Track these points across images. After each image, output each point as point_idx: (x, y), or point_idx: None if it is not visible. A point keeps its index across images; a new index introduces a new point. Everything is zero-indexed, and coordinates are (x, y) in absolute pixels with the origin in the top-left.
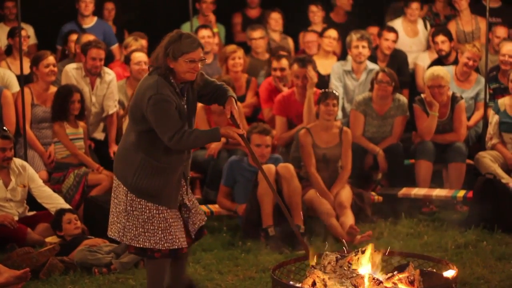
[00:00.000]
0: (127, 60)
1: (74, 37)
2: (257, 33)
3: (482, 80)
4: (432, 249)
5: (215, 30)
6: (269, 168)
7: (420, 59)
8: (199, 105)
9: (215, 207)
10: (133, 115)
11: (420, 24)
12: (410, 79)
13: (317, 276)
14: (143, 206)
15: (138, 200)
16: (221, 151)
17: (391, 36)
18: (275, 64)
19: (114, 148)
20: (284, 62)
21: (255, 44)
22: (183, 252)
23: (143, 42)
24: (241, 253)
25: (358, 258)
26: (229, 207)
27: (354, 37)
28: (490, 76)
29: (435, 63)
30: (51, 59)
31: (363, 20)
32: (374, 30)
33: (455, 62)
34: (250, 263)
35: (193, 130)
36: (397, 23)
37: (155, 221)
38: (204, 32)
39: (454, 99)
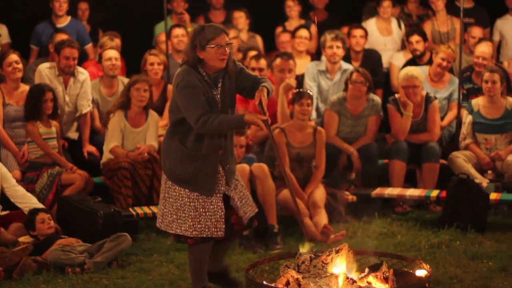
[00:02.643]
0: (100, 58)
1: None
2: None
3: (456, 80)
4: (405, 249)
5: (189, 29)
6: (243, 168)
7: (394, 59)
8: None
9: None
10: (171, 106)
11: (394, 23)
12: (384, 79)
13: (291, 276)
14: (177, 194)
15: (173, 187)
16: None
17: (358, 32)
18: (253, 64)
19: (88, 148)
20: (263, 62)
21: None
22: (218, 239)
23: (118, 42)
24: None
25: (332, 258)
26: None
27: (328, 37)
28: (464, 77)
29: (409, 63)
30: (13, 57)
31: (342, 19)
32: (347, 29)
33: (429, 62)
34: None
35: (219, 115)
36: (371, 23)
37: (186, 209)
38: (178, 31)
39: (428, 99)
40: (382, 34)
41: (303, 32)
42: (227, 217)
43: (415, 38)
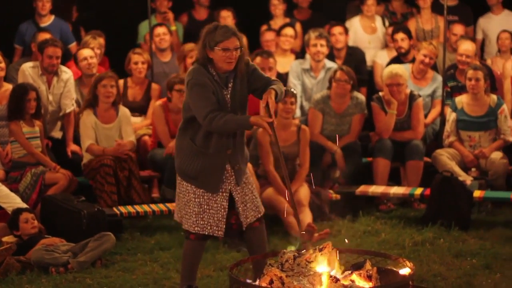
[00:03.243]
0: (76, 59)
1: None
2: None
3: (439, 77)
4: (389, 247)
5: (173, 28)
6: None
7: (378, 57)
8: (157, 103)
9: (173, 206)
10: (184, 104)
11: (378, 21)
12: (368, 77)
13: (275, 274)
14: (185, 189)
15: (182, 182)
16: None
17: (336, 30)
18: None
19: (71, 147)
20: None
21: None
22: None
23: (101, 40)
24: None
25: (315, 256)
26: None
27: (312, 35)
28: (447, 74)
29: (393, 61)
30: None
31: (327, 17)
32: (327, 28)
33: (414, 60)
34: (207, 262)
35: (226, 114)
36: (355, 21)
37: (191, 205)
38: (160, 30)
39: (412, 97)
40: (366, 32)
41: (289, 31)
42: (228, 216)
43: (400, 35)
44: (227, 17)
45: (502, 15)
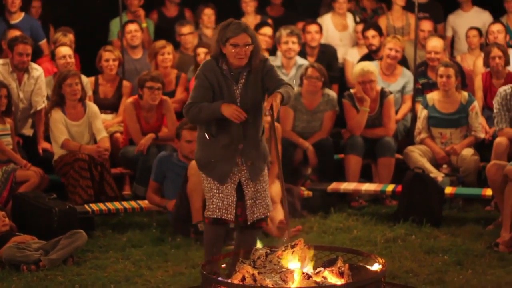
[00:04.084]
0: (53, 56)
1: None
2: (186, 29)
3: (408, 72)
4: (361, 243)
5: (144, 25)
6: None
7: (349, 54)
8: (128, 100)
9: (144, 203)
10: None
11: (349, 19)
12: (339, 74)
13: (247, 271)
14: (202, 177)
15: (200, 171)
16: (150, 146)
17: (313, 28)
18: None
19: (42, 144)
20: None
21: (184, 39)
22: (227, 222)
23: (71, 37)
24: (170, 248)
25: (287, 253)
26: (158, 202)
27: (283, 32)
28: (418, 71)
29: (364, 58)
30: None
31: (299, 14)
32: (301, 25)
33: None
34: (179, 259)
35: (202, 103)
36: (326, 18)
37: (206, 191)
38: (131, 27)
39: (383, 94)
40: (337, 30)
41: (267, 30)
42: (235, 207)
43: (371, 33)
44: (211, 15)
45: (471, 12)
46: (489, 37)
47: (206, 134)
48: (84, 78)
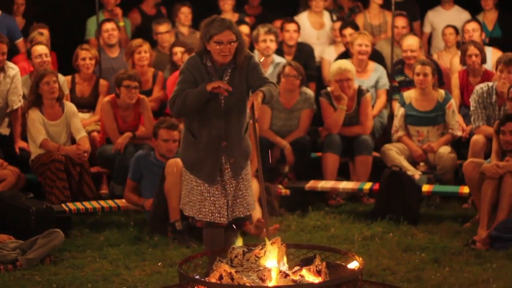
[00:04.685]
0: (29, 54)
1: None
2: (162, 27)
3: (380, 67)
4: (339, 242)
5: (121, 24)
6: (176, 162)
7: (326, 53)
8: (105, 99)
9: (122, 202)
10: None
11: (326, 17)
12: (317, 72)
13: (224, 270)
14: (188, 177)
15: (185, 171)
16: (127, 145)
17: (291, 27)
18: (184, 58)
19: (19, 144)
20: None
21: (161, 38)
22: (221, 225)
23: (46, 33)
24: (148, 247)
25: (265, 252)
26: (136, 201)
27: (261, 31)
28: (395, 69)
29: (341, 57)
30: None
31: (277, 13)
32: (279, 23)
33: None
34: (157, 258)
35: (186, 91)
36: (303, 16)
37: (195, 193)
38: (108, 26)
39: (360, 92)
40: (314, 28)
41: (244, 29)
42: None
43: (348, 31)
44: (188, 14)
45: (452, 10)
46: (465, 36)
47: (189, 132)
48: (60, 77)
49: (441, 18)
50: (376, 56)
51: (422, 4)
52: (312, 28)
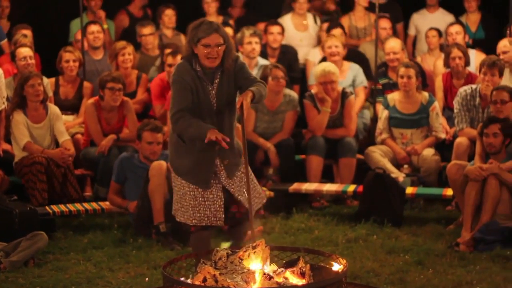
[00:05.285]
0: (13, 57)
1: None
2: (146, 30)
3: (355, 66)
4: (323, 244)
5: (105, 26)
6: (160, 164)
7: (311, 55)
8: (89, 101)
9: (106, 204)
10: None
11: (310, 19)
12: (301, 75)
13: (208, 272)
14: (180, 183)
15: (176, 177)
16: (111, 148)
17: (275, 29)
18: (170, 60)
19: (3, 146)
20: (180, 59)
21: (145, 40)
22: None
23: (29, 33)
24: (132, 250)
25: (249, 254)
26: (120, 204)
27: (246, 33)
28: (379, 72)
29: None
30: None
31: (260, 15)
32: (262, 26)
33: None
34: (141, 260)
35: (192, 118)
36: (287, 18)
37: (187, 198)
38: (94, 28)
39: (344, 95)
40: (298, 30)
41: (228, 31)
42: (227, 206)
43: (338, 31)
44: (172, 16)
45: (437, 13)
46: (448, 38)
47: (179, 138)
48: (44, 79)
49: (426, 21)
50: (359, 58)
51: (407, 6)
52: (295, 30)
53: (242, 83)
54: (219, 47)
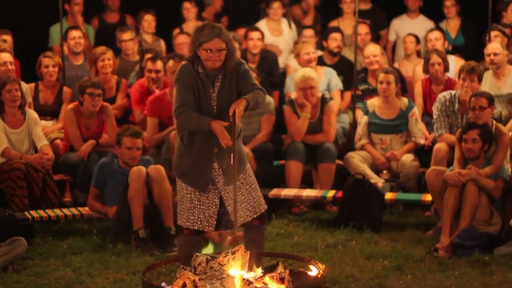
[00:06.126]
0: None
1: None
2: (126, 35)
3: (329, 69)
4: (302, 249)
5: (83, 31)
6: (140, 170)
7: (291, 60)
8: (68, 106)
9: (85, 210)
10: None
11: (284, 24)
12: (280, 80)
13: (188, 278)
14: (179, 185)
15: (177, 179)
16: (91, 153)
17: (255, 35)
18: (150, 65)
19: None
20: (159, 64)
21: (124, 46)
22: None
23: (9, 39)
24: (111, 255)
25: (228, 259)
26: (99, 209)
27: None
28: (359, 78)
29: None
30: None
31: (235, 20)
32: (242, 31)
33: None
34: (120, 266)
35: (194, 112)
36: (261, 24)
37: (184, 201)
38: (75, 33)
39: (324, 100)
40: (272, 35)
41: None
42: (222, 212)
43: (338, 35)
44: (151, 21)
45: (417, 20)
46: (428, 44)
47: (181, 141)
48: (23, 85)
49: (406, 27)
50: (344, 64)
51: (389, 12)
52: (270, 35)
53: (242, 89)
54: (221, 52)
